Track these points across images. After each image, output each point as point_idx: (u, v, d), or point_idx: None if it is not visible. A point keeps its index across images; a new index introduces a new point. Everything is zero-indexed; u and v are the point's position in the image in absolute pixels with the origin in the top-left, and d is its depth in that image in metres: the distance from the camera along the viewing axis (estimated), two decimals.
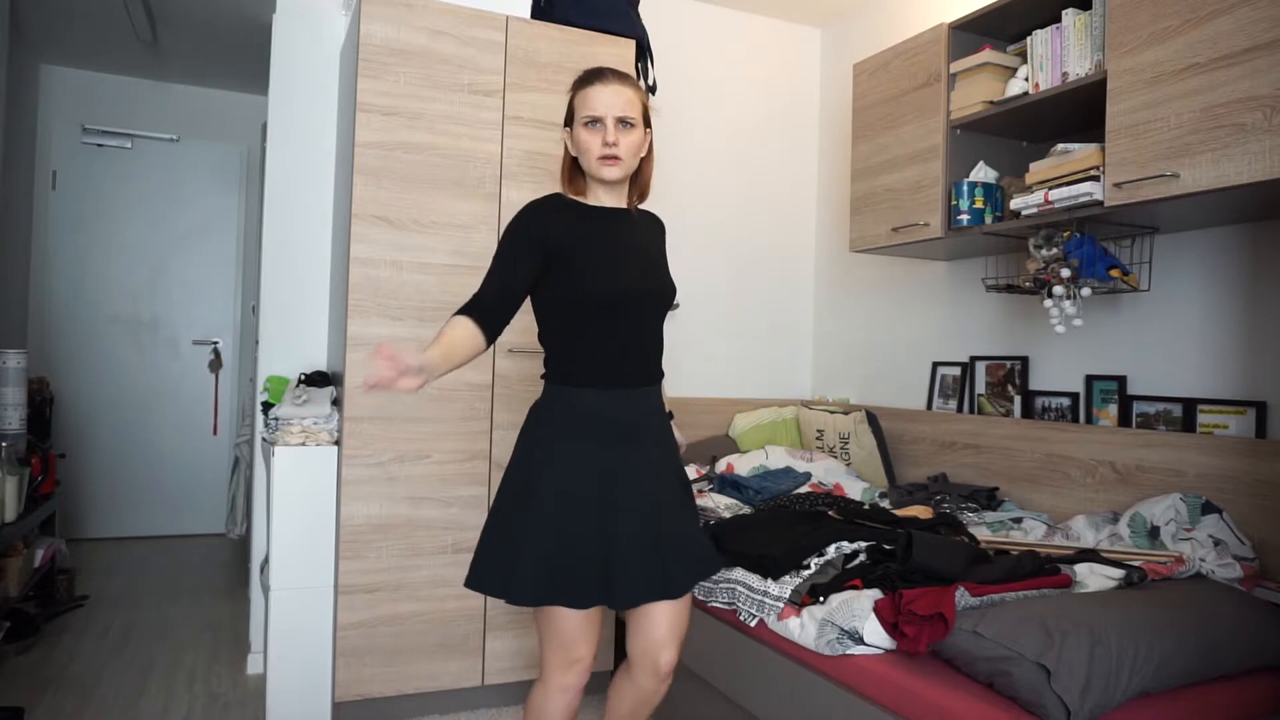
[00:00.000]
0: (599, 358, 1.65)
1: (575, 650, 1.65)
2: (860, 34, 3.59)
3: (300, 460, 2.45)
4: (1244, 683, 1.60)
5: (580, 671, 1.67)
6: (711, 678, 2.16)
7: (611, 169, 1.65)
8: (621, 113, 1.64)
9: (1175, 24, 1.91)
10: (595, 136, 1.65)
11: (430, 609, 2.51)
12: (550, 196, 1.73)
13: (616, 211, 1.73)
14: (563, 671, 1.66)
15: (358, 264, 2.44)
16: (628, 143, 1.65)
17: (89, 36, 4.19)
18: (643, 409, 1.70)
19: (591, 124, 1.65)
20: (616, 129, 1.64)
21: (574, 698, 1.70)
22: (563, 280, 1.65)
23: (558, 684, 1.67)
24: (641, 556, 1.61)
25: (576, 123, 1.67)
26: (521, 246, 1.65)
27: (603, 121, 1.64)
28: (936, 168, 2.60)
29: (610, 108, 1.63)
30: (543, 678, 1.69)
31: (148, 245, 4.92)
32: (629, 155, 1.66)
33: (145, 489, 4.91)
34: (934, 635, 1.57)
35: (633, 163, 1.69)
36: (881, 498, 2.78)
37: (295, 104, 3.00)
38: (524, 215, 1.69)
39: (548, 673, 1.67)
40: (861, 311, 3.55)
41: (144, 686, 2.76)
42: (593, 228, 1.69)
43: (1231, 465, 2.08)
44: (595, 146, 1.64)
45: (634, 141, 1.67)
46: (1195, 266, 2.28)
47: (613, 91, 1.64)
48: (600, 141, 1.64)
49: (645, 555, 1.61)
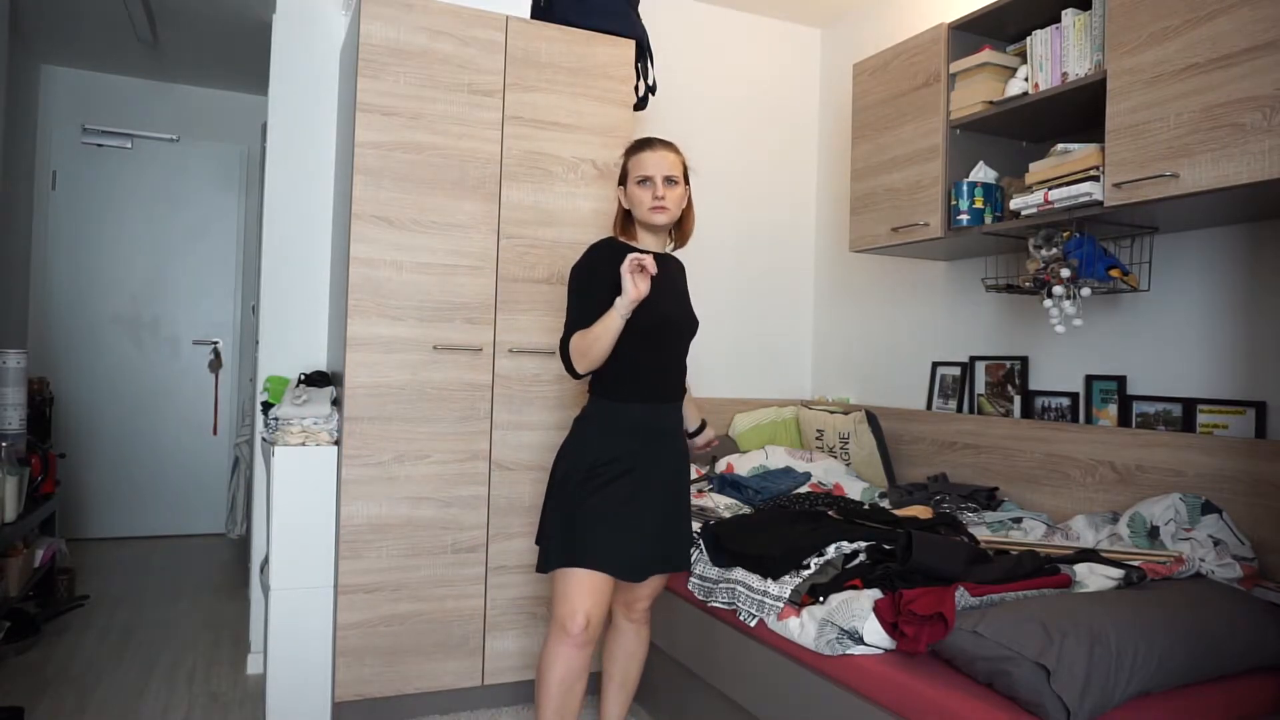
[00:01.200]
0: (641, 377, 1.99)
1: (583, 601, 1.90)
2: (860, 34, 3.59)
3: (300, 460, 2.45)
4: (1243, 682, 1.60)
5: (582, 625, 1.89)
6: (711, 678, 2.16)
7: (660, 215, 1.98)
8: (668, 172, 1.98)
9: (1175, 24, 1.91)
10: (647, 192, 1.98)
11: (430, 609, 2.51)
12: (606, 240, 2.05)
13: (658, 255, 2.04)
14: (570, 619, 1.90)
15: (358, 264, 2.44)
16: (673, 196, 1.99)
17: (89, 36, 4.19)
18: (673, 419, 2.08)
19: (643, 182, 1.99)
20: (664, 185, 1.97)
21: (573, 653, 1.91)
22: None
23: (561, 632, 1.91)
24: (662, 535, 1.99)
25: (630, 181, 2.02)
26: (595, 280, 1.97)
27: (653, 179, 1.98)
28: (936, 168, 2.60)
29: (659, 169, 1.98)
30: (550, 634, 1.95)
31: (148, 245, 4.92)
32: (675, 206, 2.00)
33: (145, 489, 4.91)
34: (934, 635, 1.57)
35: (676, 213, 2.02)
36: (881, 498, 2.78)
37: (295, 104, 3.00)
38: (592, 256, 2.02)
39: (554, 628, 1.93)
40: (861, 311, 3.55)
41: (144, 686, 2.76)
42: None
43: (1231, 465, 2.08)
44: (647, 200, 1.98)
45: (678, 195, 2.01)
46: (1195, 266, 2.28)
47: (660, 156, 1.99)
48: (651, 195, 1.98)
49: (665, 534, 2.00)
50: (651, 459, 1.99)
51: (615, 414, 1.99)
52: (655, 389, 2.01)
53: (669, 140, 2.06)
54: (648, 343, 1.96)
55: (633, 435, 1.98)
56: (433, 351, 2.52)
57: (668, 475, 2.02)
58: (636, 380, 1.98)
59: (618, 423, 1.98)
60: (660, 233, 2.06)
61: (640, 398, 1.99)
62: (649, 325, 1.93)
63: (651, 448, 1.99)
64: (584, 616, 1.89)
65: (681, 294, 2.12)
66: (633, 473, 1.95)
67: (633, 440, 1.97)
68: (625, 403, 1.99)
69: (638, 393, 1.99)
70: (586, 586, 1.90)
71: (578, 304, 1.99)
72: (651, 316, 1.93)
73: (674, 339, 2.05)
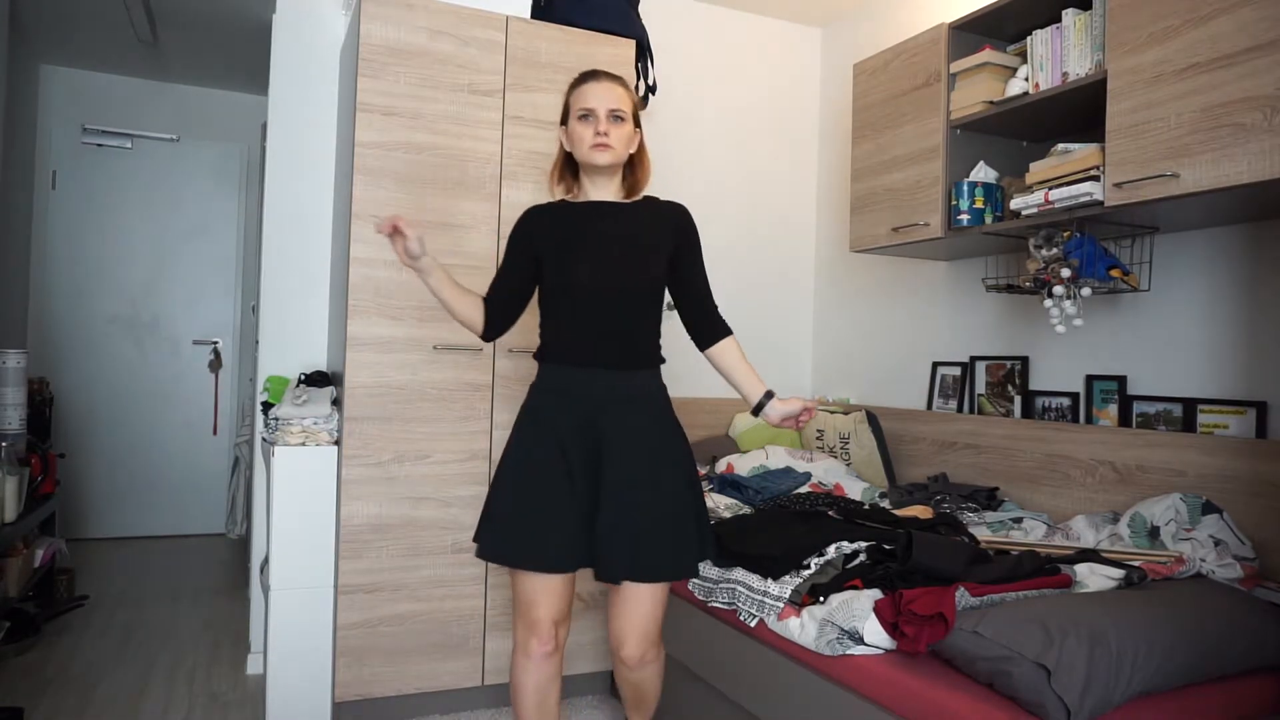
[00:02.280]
0: (568, 339, 1.81)
1: (533, 612, 1.77)
2: (860, 34, 3.59)
3: (300, 460, 2.45)
4: (1244, 683, 1.60)
5: (540, 638, 1.76)
6: (711, 678, 2.16)
7: (602, 154, 1.78)
8: (614, 105, 1.79)
9: (1175, 24, 1.91)
10: (588, 127, 1.78)
11: (430, 609, 2.51)
12: (548, 204, 1.91)
13: (603, 205, 1.86)
14: (524, 633, 1.79)
15: (358, 264, 2.44)
16: (618, 134, 1.79)
17: (89, 36, 4.19)
18: (620, 390, 1.80)
19: (585, 117, 1.79)
20: (609, 120, 1.78)
21: (537, 664, 1.78)
22: (544, 273, 1.84)
23: (520, 646, 1.80)
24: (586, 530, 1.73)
25: (572, 118, 1.82)
26: (515, 247, 1.88)
27: (595, 113, 1.78)
28: (936, 168, 2.60)
29: (603, 101, 1.79)
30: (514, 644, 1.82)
31: (148, 245, 4.92)
32: (619, 145, 1.80)
33: (145, 489, 4.91)
34: (934, 635, 1.57)
35: (623, 152, 1.82)
36: (881, 498, 2.78)
37: (295, 104, 3.00)
38: (520, 219, 1.91)
39: (516, 637, 1.82)
40: (861, 311, 3.55)
41: (144, 686, 2.76)
42: (574, 222, 1.84)
43: (1231, 465, 2.08)
44: (588, 136, 1.78)
45: (624, 133, 1.81)
46: (1195, 266, 2.28)
47: (605, 88, 1.80)
48: (593, 131, 1.77)
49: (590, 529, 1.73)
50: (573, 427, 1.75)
51: (543, 378, 1.84)
52: (586, 353, 1.79)
53: (618, 75, 1.86)
54: (569, 304, 1.80)
55: (560, 403, 1.78)
56: (433, 351, 2.52)
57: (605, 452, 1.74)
58: (560, 342, 1.81)
59: (544, 387, 1.82)
60: (608, 177, 1.83)
61: (570, 361, 1.80)
62: (561, 285, 1.80)
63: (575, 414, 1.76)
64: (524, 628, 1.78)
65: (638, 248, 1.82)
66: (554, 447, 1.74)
67: (559, 410, 1.77)
68: (554, 365, 1.82)
69: (564, 355, 1.80)
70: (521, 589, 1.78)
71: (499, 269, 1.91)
72: (561, 277, 1.79)
73: (609, 299, 1.79)
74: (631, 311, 1.82)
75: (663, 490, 1.76)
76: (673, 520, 1.76)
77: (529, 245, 1.86)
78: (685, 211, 1.92)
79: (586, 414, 1.77)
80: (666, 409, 1.87)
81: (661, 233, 1.87)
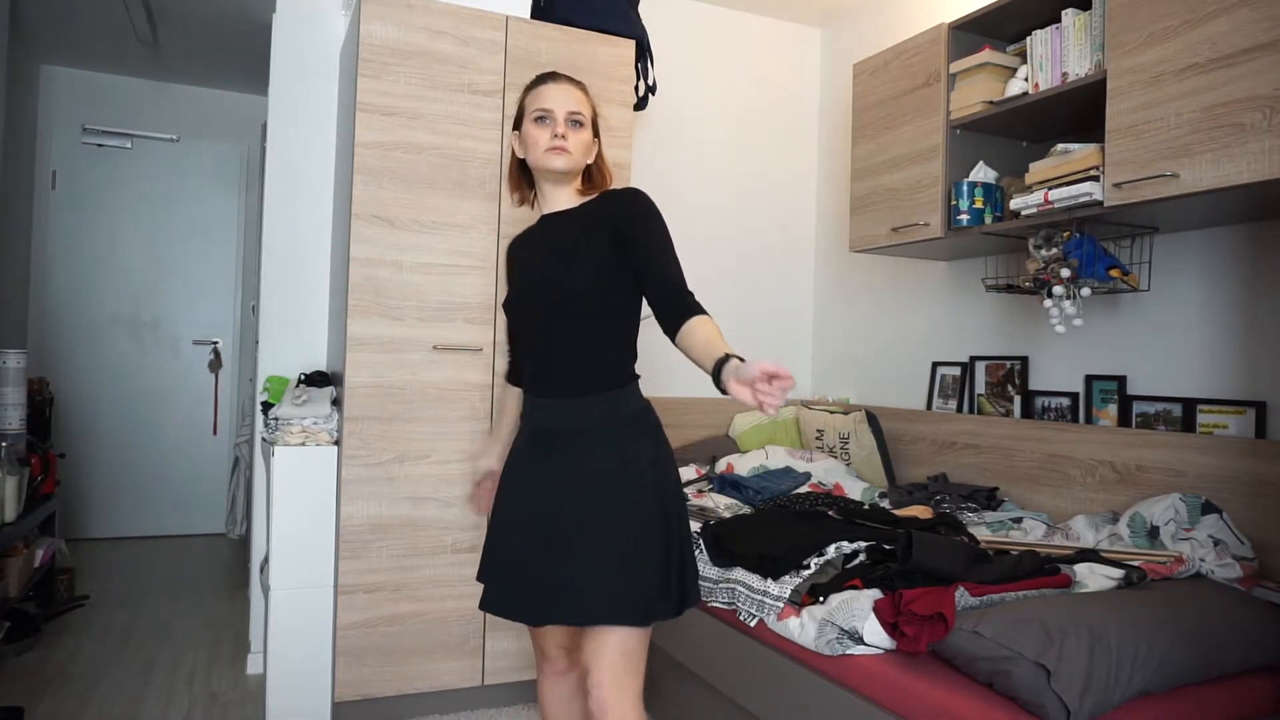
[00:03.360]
0: (525, 368, 1.69)
1: (538, 640, 1.75)
2: (860, 34, 3.59)
3: (300, 460, 2.45)
4: (1244, 683, 1.60)
5: (550, 662, 1.75)
6: (711, 678, 2.16)
7: (558, 158, 1.61)
8: (573, 108, 1.64)
9: (1175, 24, 1.91)
10: (544, 130, 1.63)
11: (430, 609, 2.51)
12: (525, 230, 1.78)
13: (554, 216, 1.69)
14: (538, 655, 1.78)
15: (358, 264, 2.44)
16: (576, 139, 1.63)
17: (89, 36, 4.19)
18: (573, 421, 1.59)
19: (541, 119, 1.63)
20: (567, 124, 1.63)
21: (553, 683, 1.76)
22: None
23: (538, 664, 1.80)
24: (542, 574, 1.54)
25: (526, 120, 1.66)
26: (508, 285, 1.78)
27: (552, 114, 1.63)
28: (936, 168, 2.60)
29: (561, 103, 1.63)
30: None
31: (148, 245, 4.92)
32: (577, 151, 1.64)
33: (145, 489, 4.91)
34: (934, 635, 1.57)
35: (580, 159, 1.65)
36: (881, 498, 2.78)
37: (295, 104, 3.00)
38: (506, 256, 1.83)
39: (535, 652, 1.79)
40: (861, 311, 3.55)
41: (144, 686, 2.76)
42: (529, 243, 1.73)
43: (1231, 465, 2.08)
44: (544, 139, 1.62)
45: (583, 140, 1.65)
46: (1195, 266, 2.28)
47: (564, 90, 1.65)
48: (550, 134, 1.62)
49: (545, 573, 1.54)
50: (532, 463, 1.62)
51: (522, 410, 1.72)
52: (536, 381, 1.65)
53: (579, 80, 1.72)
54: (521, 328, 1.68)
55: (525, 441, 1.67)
56: (433, 351, 2.52)
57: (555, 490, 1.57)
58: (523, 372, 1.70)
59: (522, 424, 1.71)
60: (564, 184, 1.67)
61: (529, 393, 1.67)
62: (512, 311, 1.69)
63: (536, 448, 1.63)
64: (536, 651, 1.77)
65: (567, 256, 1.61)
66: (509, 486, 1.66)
67: (522, 437, 1.68)
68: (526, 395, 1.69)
69: (528, 385, 1.68)
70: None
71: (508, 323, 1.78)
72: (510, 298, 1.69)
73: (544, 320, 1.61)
74: (572, 331, 1.59)
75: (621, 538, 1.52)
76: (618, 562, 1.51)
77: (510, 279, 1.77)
78: (632, 192, 1.63)
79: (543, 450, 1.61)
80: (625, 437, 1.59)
81: (596, 227, 1.61)
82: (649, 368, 3.66)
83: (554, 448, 1.60)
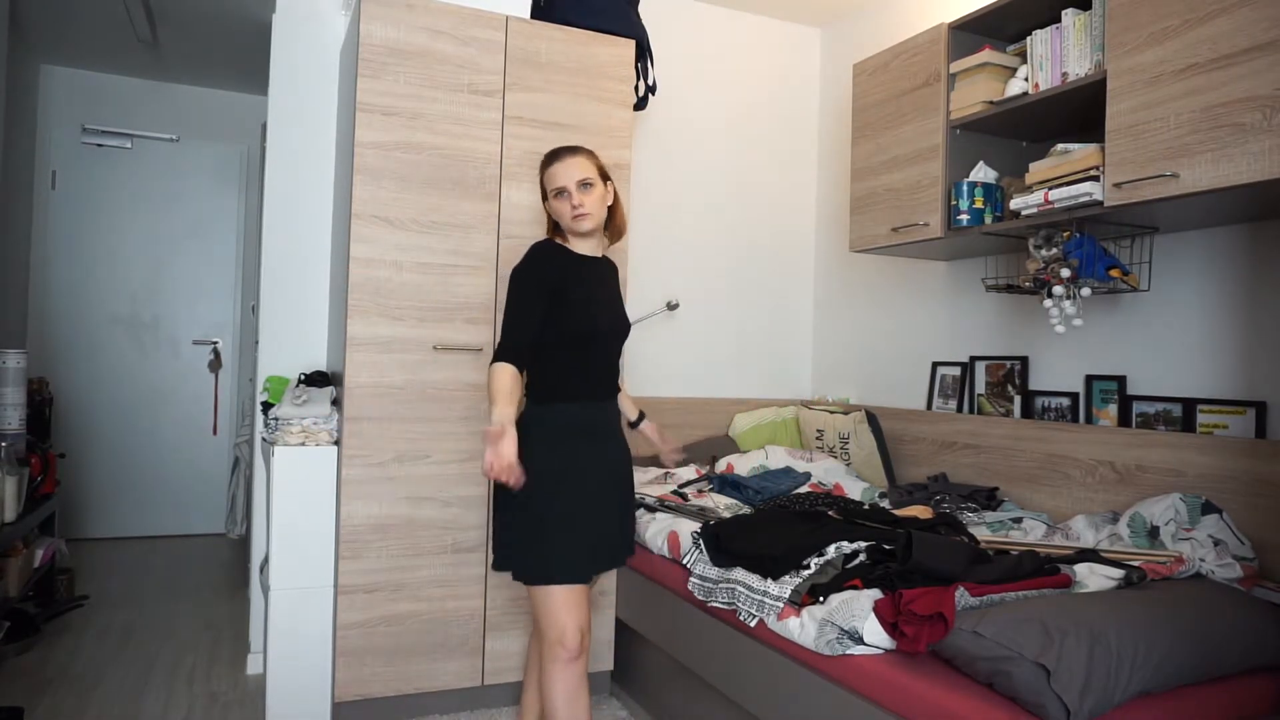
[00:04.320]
0: (585, 378, 2.04)
1: (583, 615, 1.93)
2: (860, 34, 3.59)
3: (300, 460, 2.45)
4: (1244, 683, 1.60)
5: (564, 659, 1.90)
6: (711, 678, 2.16)
7: (583, 223, 1.99)
8: (580, 177, 1.98)
9: (1175, 24, 1.91)
10: (564, 203, 1.99)
11: (430, 609, 2.51)
12: (548, 243, 2.05)
13: (594, 259, 2.07)
14: (574, 636, 1.90)
15: (358, 264, 2.44)
16: (591, 199, 1.98)
17: (89, 36, 4.19)
18: (613, 415, 2.14)
19: (559, 194, 1.99)
20: (579, 192, 1.97)
21: (569, 668, 1.91)
22: (562, 316, 1.97)
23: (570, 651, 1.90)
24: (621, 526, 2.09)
25: (549, 196, 2.03)
26: (538, 291, 1.97)
27: (567, 190, 1.98)
28: (936, 168, 2.60)
29: (569, 177, 1.98)
30: (555, 655, 1.91)
31: (148, 245, 4.92)
32: (595, 209, 2.00)
33: (145, 489, 4.91)
34: (934, 635, 1.57)
35: (600, 213, 2.02)
36: (881, 498, 2.78)
37: (295, 104, 3.00)
38: (534, 262, 2.00)
39: (561, 645, 1.90)
40: (861, 311, 3.55)
41: (144, 686, 2.76)
42: (582, 273, 2.02)
43: (1231, 465, 2.08)
44: (567, 211, 1.99)
45: (596, 197, 2.00)
46: (1195, 266, 2.28)
47: (568, 164, 1.99)
48: (569, 206, 1.98)
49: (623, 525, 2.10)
50: (598, 456, 2.03)
51: (556, 415, 2.01)
52: (592, 390, 2.05)
53: (576, 145, 2.06)
54: (581, 348, 2.02)
55: (577, 435, 2.00)
56: (433, 351, 2.52)
57: (615, 470, 2.07)
58: (571, 383, 2.02)
59: (559, 424, 2.00)
60: (590, 236, 2.05)
61: (578, 398, 2.03)
62: (583, 333, 1.99)
63: (597, 446, 2.04)
64: (575, 631, 1.91)
65: (614, 298, 2.13)
66: (585, 473, 1.98)
67: (578, 439, 2.00)
68: (566, 403, 2.01)
69: (575, 393, 2.02)
70: (570, 600, 1.92)
71: (517, 310, 1.97)
72: (584, 325, 1.99)
73: (605, 345, 2.08)
74: (618, 351, 2.15)
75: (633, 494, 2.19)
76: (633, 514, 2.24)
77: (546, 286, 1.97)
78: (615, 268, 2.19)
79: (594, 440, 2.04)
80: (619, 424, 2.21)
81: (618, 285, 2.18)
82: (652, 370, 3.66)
83: (607, 433, 2.08)
